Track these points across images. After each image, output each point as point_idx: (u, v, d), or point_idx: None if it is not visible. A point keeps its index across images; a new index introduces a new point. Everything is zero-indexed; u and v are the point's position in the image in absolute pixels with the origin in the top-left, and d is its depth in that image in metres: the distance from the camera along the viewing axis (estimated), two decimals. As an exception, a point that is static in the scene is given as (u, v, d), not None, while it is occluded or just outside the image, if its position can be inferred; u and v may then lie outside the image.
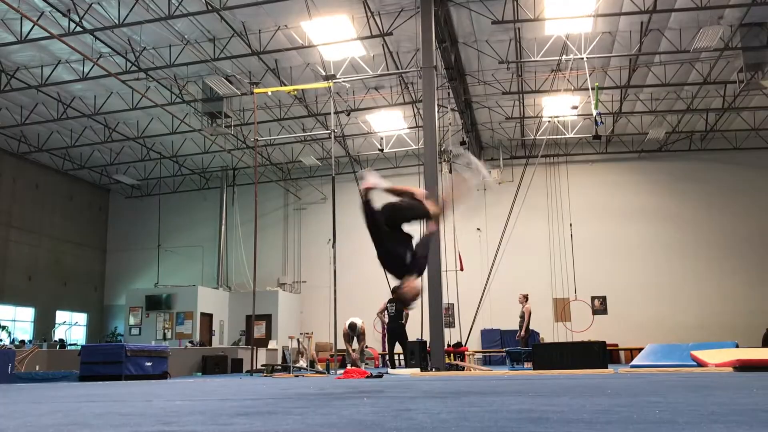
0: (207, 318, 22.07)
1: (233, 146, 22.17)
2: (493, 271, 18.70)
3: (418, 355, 13.90)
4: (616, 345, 20.32)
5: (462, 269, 16.15)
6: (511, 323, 21.34)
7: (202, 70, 17.03)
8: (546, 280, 21.97)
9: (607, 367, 10.32)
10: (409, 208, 4.93)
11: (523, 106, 19.79)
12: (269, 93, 17.16)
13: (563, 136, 21.47)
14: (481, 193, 23.18)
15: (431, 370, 11.79)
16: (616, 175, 22.78)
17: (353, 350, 14.58)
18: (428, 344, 13.07)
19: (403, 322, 14.32)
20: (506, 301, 21.00)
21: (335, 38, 15.10)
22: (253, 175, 19.50)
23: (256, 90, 15.34)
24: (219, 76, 16.97)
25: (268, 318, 21.91)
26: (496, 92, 18.75)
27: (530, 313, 15.67)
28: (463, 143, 20.73)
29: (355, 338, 14.69)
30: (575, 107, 18.22)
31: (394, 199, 5.02)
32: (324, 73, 16.43)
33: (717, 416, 2.67)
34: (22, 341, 18.83)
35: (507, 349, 17.59)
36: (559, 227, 22.39)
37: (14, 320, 21.65)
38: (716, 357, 9.46)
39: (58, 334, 22.01)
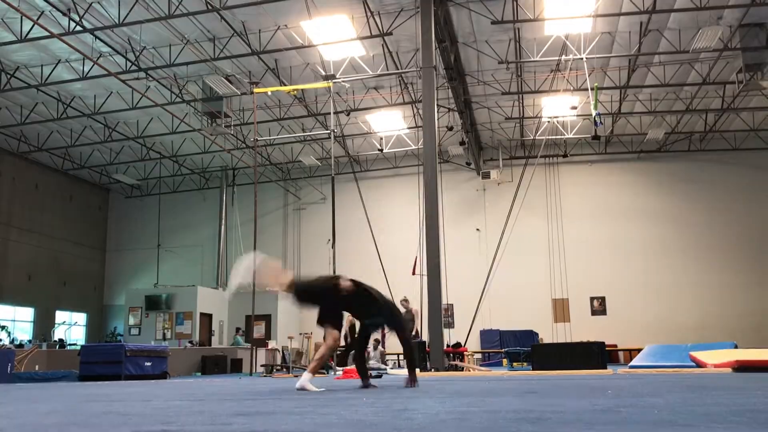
0: (206, 318, 22.08)
1: (233, 146, 22.17)
2: (492, 271, 18.72)
3: (417, 355, 13.88)
4: (615, 345, 20.33)
5: (413, 273, 15.72)
6: (511, 323, 21.41)
7: (201, 69, 17.03)
8: (545, 280, 21.98)
9: (606, 368, 10.33)
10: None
11: (523, 106, 19.80)
12: (269, 93, 17.16)
13: (562, 137, 21.48)
14: (480, 193, 23.20)
15: (430, 370, 11.79)
16: (616, 175, 22.79)
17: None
18: (427, 344, 13.08)
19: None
20: (505, 302, 21.04)
21: (335, 38, 15.10)
22: (252, 175, 19.52)
23: (255, 90, 15.33)
24: (219, 75, 16.96)
25: (267, 318, 21.91)
26: (496, 92, 18.75)
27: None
28: (462, 143, 20.74)
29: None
30: (574, 107, 18.23)
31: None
32: (324, 73, 16.44)
33: (716, 417, 2.68)
34: (21, 344, 18.81)
35: (506, 349, 17.61)
36: (558, 227, 22.40)
37: (14, 320, 21.65)
38: (715, 358, 9.47)
39: (58, 333, 22.00)
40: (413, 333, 13.51)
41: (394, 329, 6.42)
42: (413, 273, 15.49)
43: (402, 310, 13.28)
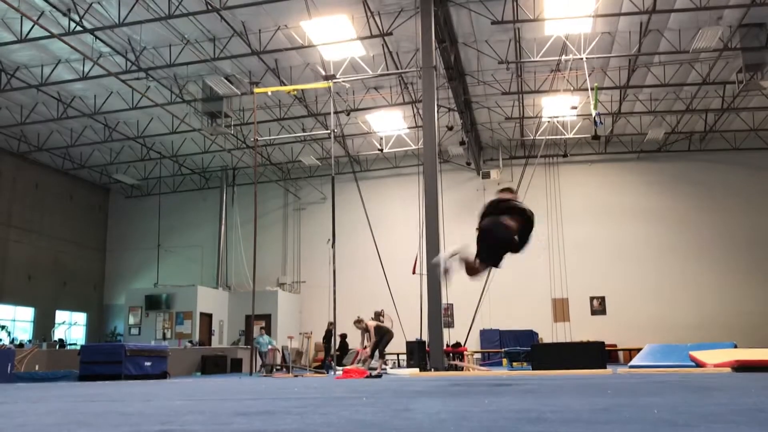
0: (206, 318, 22.08)
1: (233, 146, 22.17)
2: (492, 270, 18.69)
3: (417, 355, 13.92)
4: (615, 345, 20.34)
5: (413, 272, 15.76)
6: (511, 323, 21.41)
7: (202, 69, 17.03)
8: (545, 280, 21.98)
9: (605, 368, 10.34)
10: None
11: (523, 106, 19.80)
12: (269, 93, 17.15)
13: (562, 137, 21.48)
14: (480, 192, 23.20)
15: (430, 369, 11.80)
16: (615, 175, 22.79)
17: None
18: (427, 344, 13.09)
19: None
20: (505, 302, 21.03)
21: (335, 38, 15.09)
22: (252, 175, 19.55)
23: (256, 90, 15.33)
24: (219, 75, 16.96)
25: (267, 318, 21.93)
26: (496, 92, 18.75)
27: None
28: (462, 143, 20.73)
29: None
30: (574, 107, 18.23)
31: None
32: (324, 73, 16.43)
33: (715, 416, 2.68)
34: (21, 344, 18.80)
35: (505, 349, 17.62)
36: (557, 227, 22.39)
37: (14, 320, 21.65)
38: (715, 357, 9.47)
39: (58, 333, 22.01)
40: (369, 344, 13.46)
41: None
42: (413, 272, 15.52)
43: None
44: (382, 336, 13.00)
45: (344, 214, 19.65)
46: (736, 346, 11.06)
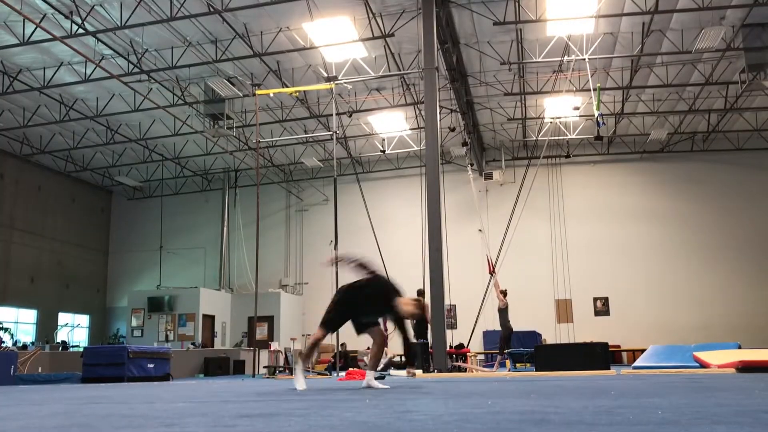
0: (209, 320, 22.09)
1: (235, 148, 22.19)
2: (494, 272, 18.67)
3: (420, 356, 13.87)
4: (619, 346, 20.30)
5: (490, 272, 16.29)
6: (514, 324, 21.34)
7: (204, 71, 17.05)
8: (548, 281, 21.95)
9: (609, 369, 10.30)
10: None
11: (525, 107, 19.79)
12: (271, 95, 17.19)
13: (565, 137, 21.45)
14: (483, 193, 23.19)
15: (433, 371, 11.78)
16: (618, 176, 22.76)
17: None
18: (430, 346, 13.07)
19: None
20: (508, 303, 20.99)
21: (337, 40, 15.10)
22: (255, 177, 19.56)
23: (257, 91, 15.34)
24: (221, 77, 16.98)
25: (270, 320, 21.93)
26: (498, 93, 18.75)
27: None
28: (465, 144, 20.73)
29: None
30: (577, 108, 18.22)
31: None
32: (326, 75, 16.44)
33: (720, 418, 2.67)
34: (24, 346, 18.82)
35: (509, 350, 17.57)
36: (560, 228, 22.37)
37: (17, 322, 21.69)
38: (719, 358, 9.44)
39: (61, 335, 22.04)
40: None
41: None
42: (490, 272, 16.14)
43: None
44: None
45: (347, 215, 19.67)
46: (740, 347, 11.02)
